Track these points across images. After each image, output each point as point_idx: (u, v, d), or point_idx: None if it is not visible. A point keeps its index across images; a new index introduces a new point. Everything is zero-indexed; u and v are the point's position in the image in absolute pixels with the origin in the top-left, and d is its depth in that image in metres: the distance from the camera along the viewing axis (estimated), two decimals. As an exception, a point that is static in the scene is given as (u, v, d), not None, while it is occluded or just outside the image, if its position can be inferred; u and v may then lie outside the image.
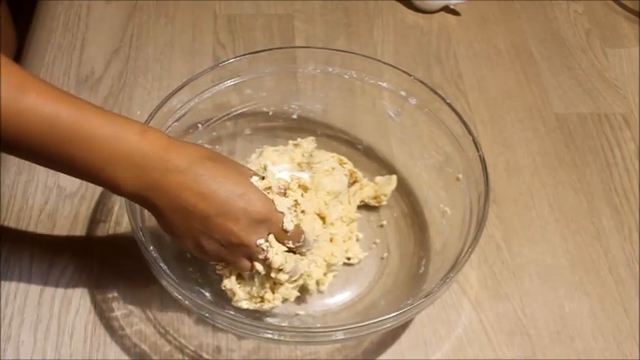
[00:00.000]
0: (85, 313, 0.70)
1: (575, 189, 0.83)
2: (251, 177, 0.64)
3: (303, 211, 0.66)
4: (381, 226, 0.78)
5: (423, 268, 0.73)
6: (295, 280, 0.67)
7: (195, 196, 0.59)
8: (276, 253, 0.63)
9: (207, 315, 0.62)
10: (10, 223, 0.76)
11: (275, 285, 0.66)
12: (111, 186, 0.59)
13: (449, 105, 0.74)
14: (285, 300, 0.68)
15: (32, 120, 0.55)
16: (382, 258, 0.76)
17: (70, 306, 0.71)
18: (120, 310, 0.71)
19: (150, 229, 0.67)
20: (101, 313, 0.70)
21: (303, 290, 0.70)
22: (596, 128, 0.89)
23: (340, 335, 0.63)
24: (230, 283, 0.66)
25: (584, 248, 0.78)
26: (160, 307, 0.71)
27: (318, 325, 0.71)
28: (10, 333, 0.68)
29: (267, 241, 0.63)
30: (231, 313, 0.63)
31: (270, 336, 0.62)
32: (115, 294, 0.72)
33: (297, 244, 0.65)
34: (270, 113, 0.82)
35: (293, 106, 0.83)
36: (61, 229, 0.76)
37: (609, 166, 0.85)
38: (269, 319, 0.70)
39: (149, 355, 0.68)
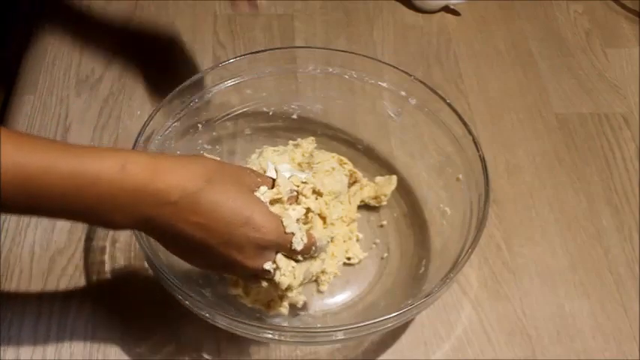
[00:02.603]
0: (85, 313, 0.70)
1: (575, 189, 0.83)
2: (258, 187, 0.60)
3: (318, 215, 0.63)
4: (381, 226, 0.78)
5: (423, 268, 0.73)
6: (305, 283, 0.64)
7: (193, 227, 0.54)
8: (283, 274, 0.59)
9: (207, 315, 0.62)
10: (10, 222, 0.76)
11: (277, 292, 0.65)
12: (106, 226, 0.56)
13: (449, 105, 0.74)
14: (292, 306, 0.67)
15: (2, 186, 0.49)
16: (382, 258, 0.76)
17: (70, 306, 0.71)
18: (120, 310, 0.71)
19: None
20: (101, 313, 0.70)
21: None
22: (596, 128, 0.89)
23: (340, 335, 0.62)
24: (236, 290, 0.65)
25: (584, 248, 0.78)
26: (160, 308, 0.70)
27: (318, 325, 0.71)
28: (10, 333, 0.68)
29: (274, 262, 0.59)
30: (231, 313, 0.63)
31: (270, 336, 0.62)
32: (116, 294, 0.72)
33: (307, 256, 0.61)
34: (270, 113, 0.82)
35: (293, 106, 0.83)
36: (61, 228, 0.76)
37: (609, 166, 0.85)
38: (269, 319, 0.70)
39: (149, 355, 0.68)
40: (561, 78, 0.94)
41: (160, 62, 0.92)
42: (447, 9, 1.01)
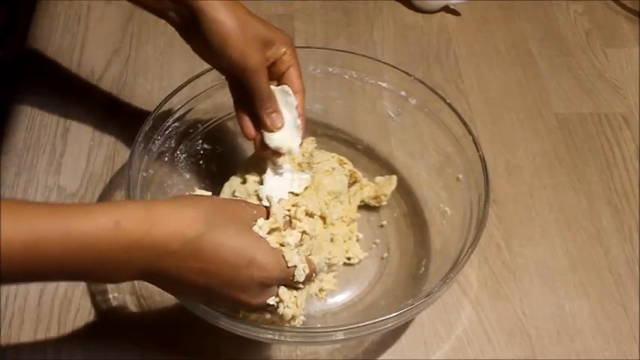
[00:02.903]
0: (85, 313, 0.70)
1: (575, 189, 0.83)
2: (255, 220, 0.58)
3: (312, 238, 0.62)
4: (381, 226, 0.78)
5: (423, 268, 0.73)
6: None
7: (195, 274, 0.53)
8: (287, 306, 0.59)
9: (207, 315, 0.62)
10: (10, 223, 0.76)
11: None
12: (110, 282, 0.55)
13: (449, 105, 0.74)
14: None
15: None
16: (382, 258, 0.76)
17: (70, 306, 0.71)
18: (120, 310, 0.71)
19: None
20: (101, 313, 0.70)
21: None
22: (596, 128, 0.89)
23: (340, 335, 0.62)
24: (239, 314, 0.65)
25: (584, 248, 0.78)
26: (161, 307, 0.71)
27: (318, 325, 0.71)
28: (10, 333, 0.68)
29: (277, 295, 0.58)
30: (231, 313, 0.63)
31: (270, 336, 0.62)
32: (116, 294, 0.72)
33: (308, 283, 0.61)
34: (271, 113, 0.82)
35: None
36: (61, 229, 0.76)
37: (609, 166, 0.85)
38: (269, 319, 0.70)
39: (149, 355, 0.68)
40: (561, 78, 0.94)
41: (160, 62, 0.92)
42: (447, 9, 1.01)
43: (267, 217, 0.60)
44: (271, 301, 0.58)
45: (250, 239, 0.56)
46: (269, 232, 0.58)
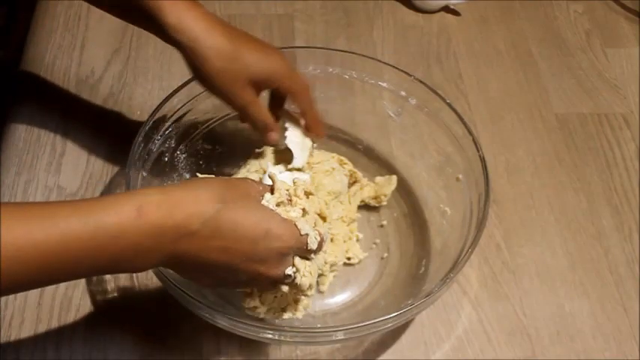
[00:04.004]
0: (85, 313, 0.70)
1: (575, 189, 0.83)
2: (262, 196, 0.60)
3: (312, 214, 0.64)
4: (381, 226, 0.78)
5: (423, 268, 0.73)
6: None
7: (216, 252, 0.55)
8: (304, 275, 0.60)
9: (207, 315, 0.62)
10: (10, 223, 0.76)
11: (296, 295, 0.65)
12: (130, 272, 0.56)
13: (449, 105, 0.74)
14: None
15: (18, 267, 0.47)
16: (382, 258, 0.76)
17: (70, 306, 0.71)
18: (120, 309, 0.71)
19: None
20: (101, 313, 0.70)
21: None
22: (596, 128, 0.89)
23: (340, 335, 0.63)
24: (253, 302, 0.65)
25: (584, 248, 0.78)
26: (160, 307, 0.71)
27: (319, 326, 0.71)
28: (10, 333, 0.68)
29: (293, 265, 0.60)
30: (231, 313, 0.63)
31: (270, 336, 0.62)
32: (116, 294, 0.72)
33: (319, 252, 0.62)
34: (271, 113, 0.82)
35: (293, 106, 0.83)
36: (61, 229, 0.76)
37: (609, 166, 0.85)
38: (269, 319, 0.70)
39: (149, 355, 0.68)
40: (561, 78, 0.94)
41: (160, 62, 0.92)
42: (447, 9, 1.01)
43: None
44: (289, 270, 0.59)
45: (263, 212, 0.58)
46: (276, 206, 0.60)
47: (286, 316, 0.66)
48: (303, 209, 0.62)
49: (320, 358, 0.69)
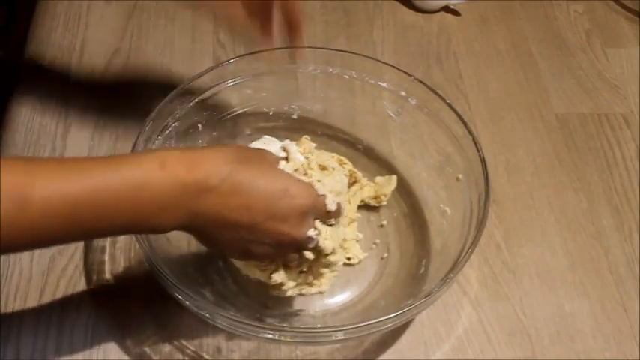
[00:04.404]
0: (85, 313, 0.70)
1: (575, 189, 0.83)
2: (278, 163, 0.62)
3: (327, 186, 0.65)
4: (381, 226, 0.78)
5: (423, 268, 0.73)
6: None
7: (237, 210, 0.56)
8: (326, 238, 0.62)
9: (207, 315, 0.62)
10: (10, 223, 0.76)
11: (320, 266, 0.66)
12: (152, 232, 0.57)
13: (449, 105, 0.74)
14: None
15: (48, 222, 0.49)
16: (382, 258, 0.76)
17: (70, 306, 0.71)
18: (120, 310, 0.71)
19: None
20: (101, 313, 0.70)
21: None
22: (596, 128, 0.89)
23: (340, 335, 0.63)
24: (280, 276, 0.65)
25: (584, 248, 0.78)
26: (160, 307, 0.71)
27: (319, 325, 0.71)
28: (10, 333, 0.68)
29: (315, 228, 0.61)
30: (231, 313, 0.63)
31: (270, 336, 0.62)
32: (116, 294, 0.72)
33: (337, 219, 0.64)
34: (270, 113, 0.82)
35: (293, 106, 0.83)
36: (61, 229, 0.76)
37: (609, 166, 0.85)
38: (269, 319, 0.70)
39: (149, 355, 0.68)
40: (561, 78, 0.94)
41: (160, 62, 0.92)
42: (447, 9, 1.01)
43: None
44: (311, 232, 0.60)
45: (280, 173, 0.60)
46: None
47: (313, 290, 0.67)
48: (318, 181, 0.63)
49: (320, 358, 0.69)
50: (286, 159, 0.63)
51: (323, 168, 0.67)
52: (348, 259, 0.74)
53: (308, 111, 0.83)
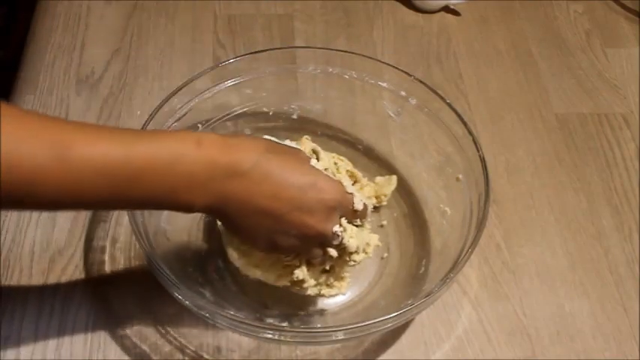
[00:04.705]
0: (85, 313, 0.70)
1: (575, 189, 0.83)
2: (309, 160, 0.63)
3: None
4: (381, 226, 0.78)
5: (423, 268, 0.73)
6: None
7: (266, 197, 0.57)
8: (351, 236, 0.62)
9: (207, 315, 0.62)
10: (10, 223, 0.76)
11: (343, 265, 0.67)
12: (181, 209, 0.57)
13: (449, 105, 0.74)
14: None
15: (84, 175, 0.51)
16: (382, 258, 0.76)
17: (70, 306, 0.71)
18: (120, 310, 0.71)
19: (150, 229, 0.67)
20: (101, 313, 0.70)
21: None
22: (596, 128, 0.89)
23: (340, 335, 0.63)
24: (302, 273, 0.65)
25: (584, 248, 0.78)
26: (160, 307, 0.71)
27: (319, 325, 0.71)
28: (10, 332, 0.68)
29: (340, 225, 0.61)
30: (231, 313, 0.63)
31: (270, 336, 0.62)
32: (115, 294, 0.72)
33: (364, 220, 0.65)
34: (270, 113, 0.82)
35: (293, 106, 0.83)
36: (61, 229, 0.76)
37: (609, 166, 0.85)
38: (269, 319, 0.70)
39: (149, 355, 0.68)
40: (561, 78, 0.94)
41: (160, 62, 0.92)
42: (447, 9, 1.01)
43: None
44: (337, 228, 0.61)
45: (310, 167, 0.61)
46: None
47: (333, 291, 0.68)
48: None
49: (320, 358, 0.69)
50: (317, 158, 0.65)
51: (351, 175, 0.69)
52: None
53: (308, 111, 0.83)
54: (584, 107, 0.91)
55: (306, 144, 0.75)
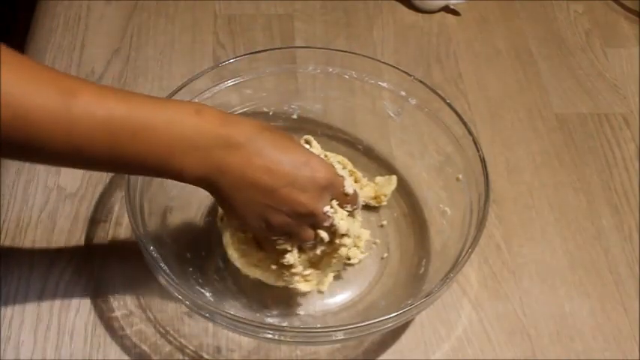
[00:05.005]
0: (85, 313, 0.70)
1: (575, 189, 0.83)
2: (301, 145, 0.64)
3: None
4: (381, 226, 0.78)
5: (423, 268, 0.73)
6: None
7: (260, 171, 0.58)
8: (341, 218, 0.63)
9: (207, 315, 0.62)
10: (10, 223, 0.76)
11: (333, 251, 0.67)
12: (175, 175, 0.58)
13: (449, 105, 0.74)
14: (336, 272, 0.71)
15: (87, 125, 0.52)
16: (382, 258, 0.76)
17: (70, 306, 0.71)
18: (120, 310, 0.71)
19: (150, 229, 0.67)
20: (101, 313, 0.70)
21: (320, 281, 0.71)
22: (596, 128, 0.89)
23: (340, 335, 0.63)
24: (293, 257, 0.65)
25: (584, 248, 0.78)
26: (160, 307, 0.71)
27: (319, 326, 0.71)
28: (10, 333, 0.68)
29: (332, 207, 0.62)
30: (231, 313, 0.63)
31: (270, 336, 0.62)
32: (115, 294, 0.72)
33: (354, 207, 0.65)
34: (270, 113, 0.82)
35: (293, 106, 0.83)
36: (61, 229, 0.76)
37: (609, 166, 0.85)
38: (269, 319, 0.70)
39: (149, 356, 0.68)
40: (561, 78, 0.94)
41: (160, 62, 0.92)
42: (447, 9, 1.01)
43: None
44: (327, 208, 0.62)
45: (304, 148, 0.63)
46: None
47: (314, 285, 0.69)
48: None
49: (320, 358, 0.69)
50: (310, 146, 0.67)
51: (351, 175, 0.71)
52: (348, 259, 0.74)
53: (308, 111, 0.83)
54: (584, 107, 0.91)
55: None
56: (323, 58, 0.80)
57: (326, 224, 0.63)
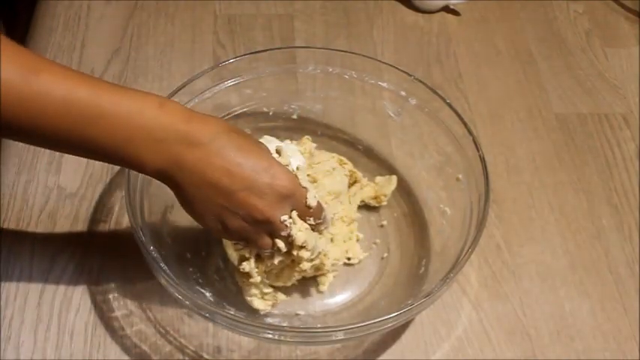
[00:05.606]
0: (85, 313, 0.70)
1: (575, 189, 0.83)
2: (270, 153, 0.63)
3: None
4: (382, 226, 0.78)
5: (423, 268, 0.73)
6: (312, 260, 0.66)
7: (219, 171, 0.57)
8: (300, 229, 0.62)
9: (207, 315, 0.62)
10: (10, 223, 0.76)
11: (293, 264, 0.66)
12: (134, 165, 0.58)
13: (449, 105, 0.74)
14: (301, 278, 0.69)
15: (46, 102, 0.52)
16: (382, 258, 0.76)
17: (70, 306, 0.71)
18: (120, 310, 0.71)
19: (150, 229, 0.67)
20: (101, 313, 0.70)
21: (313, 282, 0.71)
22: (596, 128, 0.89)
23: (340, 335, 0.63)
24: (249, 265, 0.65)
25: (584, 248, 0.78)
26: (160, 307, 0.71)
27: (319, 326, 0.71)
28: (10, 333, 0.68)
29: (290, 217, 0.62)
30: (231, 313, 0.63)
31: (270, 336, 0.62)
32: (116, 294, 0.72)
33: (318, 221, 0.64)
34: (270, 113, 0.82)
35: (293, 106, 0.83)
36: (62, 229, 0.76)
37: (609, 166, 0.85)
38: (269, 319, 0.70)
39: (149, 355, 0.68)
40: (561, 78, 0.94)
41: (160, 62, 0.92)
42: (447, 9, 1.01)
43: None
44: (284, 217, 0.61)
45: (269, 155, 0.62)
46: None
47: (280, 297, 0.68)
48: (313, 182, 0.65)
49: (320, 358, 0.69)
50: (279, 155, 0.65)
51: (314, 180, 0.69)
52: (348, 259, 0.75)
53: (308, 111, 0.83)
54: (584, 107, 0.91)
55: (306, 144, 0.75)
56: (323, 58, 0.80)
57: (283, 234, 0.61)
